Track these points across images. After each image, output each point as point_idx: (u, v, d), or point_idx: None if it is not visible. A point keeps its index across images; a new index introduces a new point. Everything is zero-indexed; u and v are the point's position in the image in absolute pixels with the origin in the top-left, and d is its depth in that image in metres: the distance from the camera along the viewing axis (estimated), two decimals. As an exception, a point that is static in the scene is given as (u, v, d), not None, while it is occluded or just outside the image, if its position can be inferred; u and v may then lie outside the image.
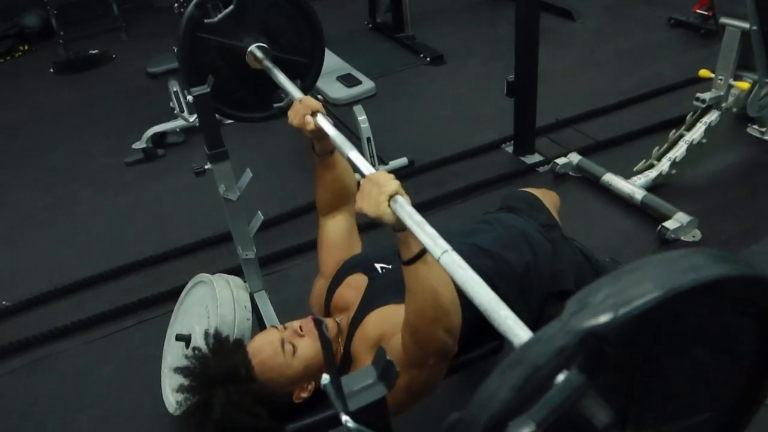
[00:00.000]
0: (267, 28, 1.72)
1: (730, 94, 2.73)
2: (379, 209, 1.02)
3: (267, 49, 1.69)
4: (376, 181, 1.05)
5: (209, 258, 2.78)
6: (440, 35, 4.86)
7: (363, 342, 1.30)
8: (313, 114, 1.41)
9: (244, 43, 1.67)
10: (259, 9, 1.69)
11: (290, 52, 1.76)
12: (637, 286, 0.50)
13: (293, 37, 1.76)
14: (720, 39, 2.74)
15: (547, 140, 3.35)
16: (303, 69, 1.80)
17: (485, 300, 0.77)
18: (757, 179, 2.86)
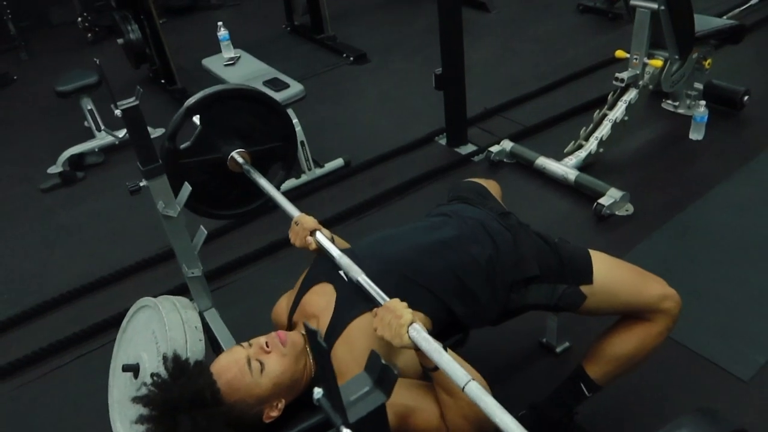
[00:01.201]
0: (238, 130, 1.78)
1: (646, 72, 2.86)
2: (402, 341, 1.12)
3: (245, 152, 1.76)
4: (394, 311, 1.15)
5: (147, 281, 2.64)
6: (361, 34, 4.85)
7: (351, 353, 1.26)
8: (312, 233, 1.48)
9: (223, 152, 1.76)
10: (223, 118, 1.75)
11: (265, 141, 1.84)
12: None
13: (263, 128, 1.83)
14: (630, 21, 2.88)
15: (478, 130, 3.40)
16: (281, 151, 1.90)
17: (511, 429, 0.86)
18: (675, 150, 3.01)
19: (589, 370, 1.59)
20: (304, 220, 1.51)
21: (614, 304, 1.51)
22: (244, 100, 1.79)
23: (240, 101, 1.77)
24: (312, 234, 1.48)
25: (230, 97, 1.76)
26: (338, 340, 1.30)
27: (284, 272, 2.58)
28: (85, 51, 5.33)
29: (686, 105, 3.23)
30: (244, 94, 1.79)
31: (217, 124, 1.74)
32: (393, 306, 1.17)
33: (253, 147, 1.80)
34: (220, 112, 1.74)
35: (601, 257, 1.52)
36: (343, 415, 0.61)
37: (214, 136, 1.75)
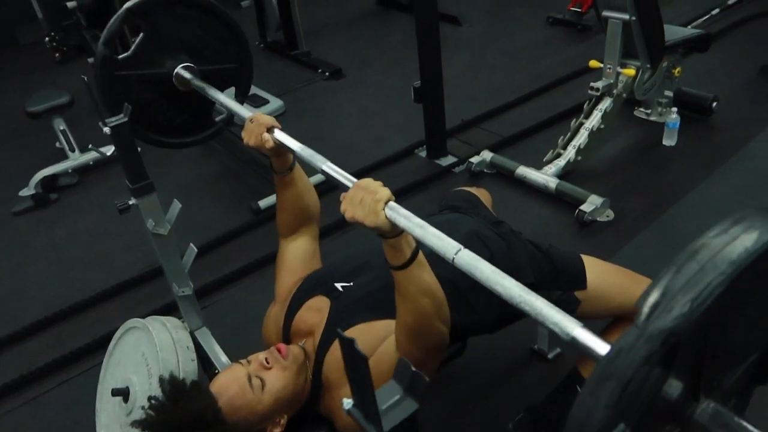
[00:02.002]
0: (186, 45, 1.61)
1: (619, 81, 2.93)
2: (378, 218, 0.98)
3: (193, 68, 1.59)
4: (367, 188, 1.01)
5: (129, 303, 2.58)
6: (335, 49, 4.87)
7: (339, 365, 1.24)
8: (269, 130, 1.33)
9: (167, 67, 1.58)
10: (171, 28, 1.57)
11: (217, 61, 1.66)
12: (702, 274, 0.51)
13: (216, 45, 1.66)
14: (602, 32, 2.95)
15: (457, 141, 3.44)
16: (234, 74, 1.70)
17: (515, 293, 0.76)
18: (650, 157, 3.09)
19: (585, 372, 1.60)
20: (261, 116, 1.36)
21: (607, 307, 1.53)
22: (194, 9, 1.61)
23: (189, 9, 1.60)
24: (269, 131, 1.33)
25: (178, 2, 1.58)
26: (326, 355, 1.29)
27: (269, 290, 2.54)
28: (53, 71, 5.23)
29: (658, 112, 3.32)
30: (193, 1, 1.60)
31: (163, 35, 1.56)
32: (365, 183, 1.03)
33: (203, 65, 1.62)
34: (167, 20, 1.56)
35: (593, 261, 1.54)
36: (378, 424, 0.60)
37: (159, 49, 1.56)
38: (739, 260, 0.51)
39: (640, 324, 0.51)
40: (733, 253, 0.51)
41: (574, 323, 0.70)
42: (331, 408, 1.28)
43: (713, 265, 0.51)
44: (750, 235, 0.52)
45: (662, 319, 0.50)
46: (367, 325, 1.27)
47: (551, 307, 0.74)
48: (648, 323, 0.50)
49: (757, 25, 4.23)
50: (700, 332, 0.53)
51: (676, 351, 0.52)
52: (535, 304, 0.74)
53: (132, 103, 1.48)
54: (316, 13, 5.38)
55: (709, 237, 0.54)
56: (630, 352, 0.50)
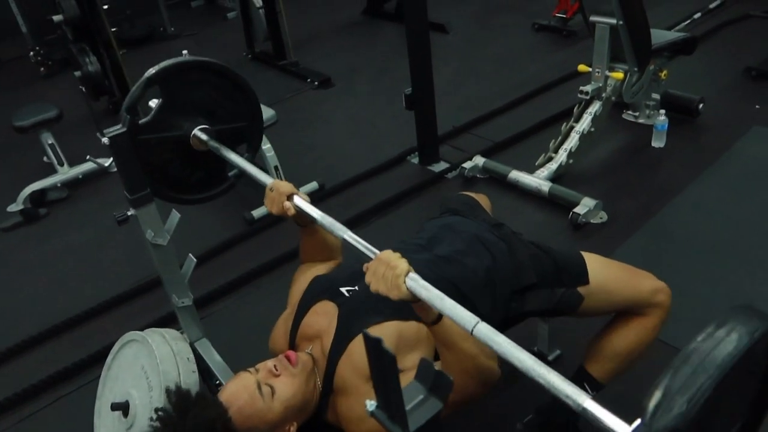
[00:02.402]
0: (201, 106, 1.69)
1: (608, 84, 2.97)
2: (401, 291, 1.04)
3: (209, 129, 1.66)
4: (388, 262, 1.07)
5: (124, 317, 2.55)
6: (323, 59, 4.88)
7: (355, 372, 1.24)
8: (289, 198, 1.39)
9: (185, 129, 1.65)
10: (187, 92, 1.65)
11: (230, 120, 1.74)
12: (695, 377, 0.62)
13: (228, 105, 1.74)
14: (591, 36, 2.99)
15: (449, 147, 3.45)
16: (246, 131, 1.80)
17: (529, 365, 0.82)
18: (640, 158, 3.12)
19: (591, 369, 1.61)
20: (280, 185, 1.41)
21: (610, 301, 1.54)
22: (208, 74, 1.69)
23: (203, 74, 1.68)
24: (289, 199, 1.38)
25: (193, 69, 1.66)
26: (342, 358, 1.29)
27: (268, 299, 2.54)
28: (38, 85, 5.19)
29: (646, 115, 3.36)
30: (208, 66, 1.69)
31: (179, 99, 1.64)
32: (386, 257, 1.08)
33: (218, 125, 1.70)
34: (182, 85, 1.63)
35: (593, 257, 1.55)
36: (404, 424, 0.60)
37: (176, 112, 1.64)
38: (724, 364, 0.62)
39: (647, 421, 0.61)
40: (718, 358, 0.62)
41: (584, 395, 0.78)
42: (340, 414, 1.27)
43: (703, 369, 0.61)
44: (731, 339, 0.63)
45: (665, 417, 0.60)
46: (378, 327, 1.27)
47: (563, 380, 0.81)
48: (653, 421, 0.61)
49: (738, 27, 4.31)
50: (695, 425, 0.62)
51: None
52: (548, 377, 0.81)
53: (152, 164, 1.56)
54: (303, 24, 5.39)
55: (698, 342, 0.65)
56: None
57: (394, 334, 1.27)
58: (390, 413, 0.61)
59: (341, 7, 5.97)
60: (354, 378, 1.25)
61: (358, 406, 1.23)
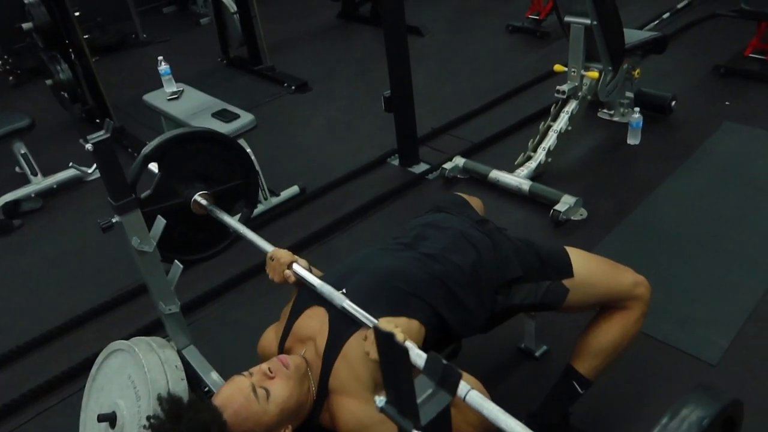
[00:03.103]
0: (198, 172, 1.76)
1: (583, 83, 3.02)
2: None
3: (207, 194, 1.73)
4: None
5: (104, 327, 2.51)
6: (299, 63, 4.87)
7: (351, 370, 1.25)
8: (289, 266, 1.45)
9: (185, 196, 1.73)
10: (182, 162, 1.72)
11: (226, 181, 1.81)
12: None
13: (223, 167, 1.81)
14: (566, 36, 3.03)
15: (429, 149, 3.47)
16: (242, 189, 1.87)
17: None
18: (617, 156, 3.18)
19: (579, 366, 1.63)
20: (279, 254, 1.49)
21: (594, 294, 1.57)
22: (201, 142, 1.77)
23: (197, 143, 1.76)
24: (289, 267, 1.45)
25: (187, 141, 1.74)
26: (337, 359, 1.29)
27: (250, 305, 2.52)
28: (8, 95, 5.08)
29: (620, 113, 3.42)
30: (200, 135, 1.79)
31: (176, 169, 1.72)
32: (384, 325, 1.16)
33: (215, 187, 1.78)
34: (178, 155, 1.71)
35: (576, 252, 1.58)
36: (416, 418, 0.60)
37: (174, 181, 1.73)
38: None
39: None
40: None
41: None
42: (334, 415, 1.27)
43: None
44: None
45: None
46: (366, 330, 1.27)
47: None
48: None
49: (705, 27, 4.42)
50: None
51: None
52: None
53: None
54: (277, 28, 5.38)
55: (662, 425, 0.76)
56: None
57: None
58: (400, 408, 0.62)
59: (316, 11, 5.97)
60: (351, 379, 1.25)
61: (356, 409, 1.24)
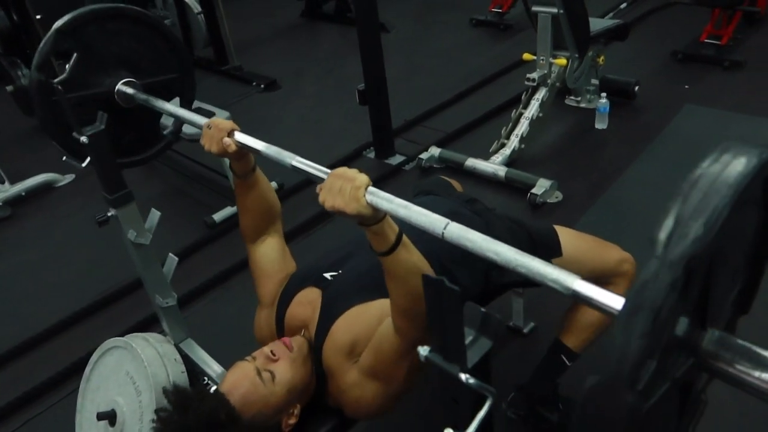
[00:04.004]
0: (123, 60, 1.56)
1: (552, 71, 3.11)
2: (360, 204, 0.97)
3: (135, 83, 1.55)
4: (344, 176, 1.01)
5: (90, 330, 2.47)
6: (267, 62, 4.86)
7: (337, 351, 1.26)
8: (230, 134, 1.29)
9: (106, 85, 1.53)
10: (105, 44, 1.53)
11: (158, 73, 1.62)
12: (707, 199, 0.55)
13: (153, 56, 1.61)
14: (533, 26, 3.12)
15: (403, 141, 3.51)
16: (177, 84, 1.66)
17: (510, 257, 0.77)
18: (586, 140, 3.28)
19: (567, 340, 1.68)
20: (219, 121, 1.31)
21: (581, 272, 1.60)
22: (126, 22, 1.56)
23: (121, 23, 1.55)
24: (230, 135, 1.29)
25: (108, 17, 1.53)
26: (325, 342, 1.30)
27: (239, 301, 2.51)
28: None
29: (587, 99, 3.54)
30: (124, 12, 1.56)
31: (97, 53, 1.51)
32: (342, 171, 1.03)
33: (144, 79, 1.58)
34: (99, 37, 1.50)
35: (564, 230, 1.63)
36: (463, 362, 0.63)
37: (95, 68, 1.51)
38: (736, 183, 0.55)
39: (660, 254, 0.53)
40: (729, 178, 0.55)
41: (572, 277, 0.73)
42: (337, 395, 1.29)
43: (715, 191, 0.54)
44: (739, 161, 0.57)
45: (681, 245, 0.52)
46: (363, 306, 1.29)
47: (547, 265, 0.75)
48: (668, 251, 0.52)
49: (663, 14, 4.59)
50: (709, 258, 0.55)
51: (690, 279, 0.53)
52: (532, 265, 0.76)
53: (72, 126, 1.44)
54: (243, 28, 5.34)
55: (704, 167, 0.58)
56: (656, 281, 0.52)
57: (378, 312, 1.27)
58: (446, 355, 0.65)
59: (279, 10, 5.96)
60: (337, 357, 1.26)
61: (349, 385, 1.25)
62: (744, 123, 3.19)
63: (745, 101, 3.38)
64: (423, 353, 0.67)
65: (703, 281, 0.58)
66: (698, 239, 0.52)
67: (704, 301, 0.60)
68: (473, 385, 0.65)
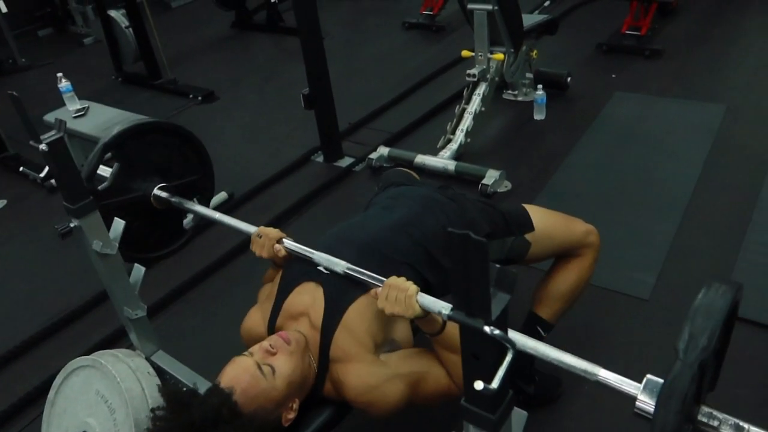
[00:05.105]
0: (156, 166, 1.72)
1: (491, 66, 3.22)
2: (415, 310, 1.15)
3: (168, 186, 1.70)
4: (398, 287, 1.18)
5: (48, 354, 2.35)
6: (201, 74, 4.78)
7: (353, 336, 1.28)
8: (279, 241, 1.44)
9: (144, 190, 1.69)
10: (140, 154, 1.69)
11: (184, 175, 1.78)
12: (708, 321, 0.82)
13: (181, 161, 1.78)
14: (469, 24, 3.22)
15: (350, 143, 3.54)
16: (200, 183, 1.84)
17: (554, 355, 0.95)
18: (527, 131, 3.41)
19: (541, 312, 1.75)
20: (267, 230, 1.48)
21: (552, 245, 1.69)
22: (161, 133, 1.74)
23: (156, 134, 1.73)
24: (279, 242, 1.45)
25: (147, 131, 1.70)
26: (338, 328, 1.31)
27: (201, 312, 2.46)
28: None
29: (523, 93, 3.68)
30: (160, 126, 1.75)
31: (135, 162, 1.68)
32: (394, 282, 1.19)
33: (174, 182, 1.75)
34: (137, 147, 1.67)
35: (533, 208, 1.70)
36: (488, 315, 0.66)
37: (133, 175, 1.68)
38: (723, 310, 0.82)
39: (681, 357, 0.79)
40: (720, 306, 0.83)
41: (596, 368, 0.91)
42: (340, 383, 1.29)
43: (711, 315, 0.82)
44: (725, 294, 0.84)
45: (695, 351, 0.79)
46: (365, 297, 1.31)
47: (577, 359, 0.94)
48: (687, 356, 0.79)
49: (586, 9, 4.85)
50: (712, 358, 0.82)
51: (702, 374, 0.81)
52: (564, 358, 0.94)
53: None
54: (173, 41, 5.22)
55: (700, 299, 0.84)
56: (681, 375, 0.78)
57: None
58: (468, 310, 0.67)
59: (208, 22, 5.87)
60: (354, 345, 1.29)
61: (363, 372, 1.27)
62: (668, 105, 3.41)
63: (668, 86, 3.61)
64: (445, 312, 0.69)
65: (701, 375, 0.83)
66: (705, 348, 0.79)
67: (700, 387, 0.86)
68: (498, 336, 0.68)
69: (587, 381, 0.92)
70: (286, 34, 5.20)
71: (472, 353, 0.72)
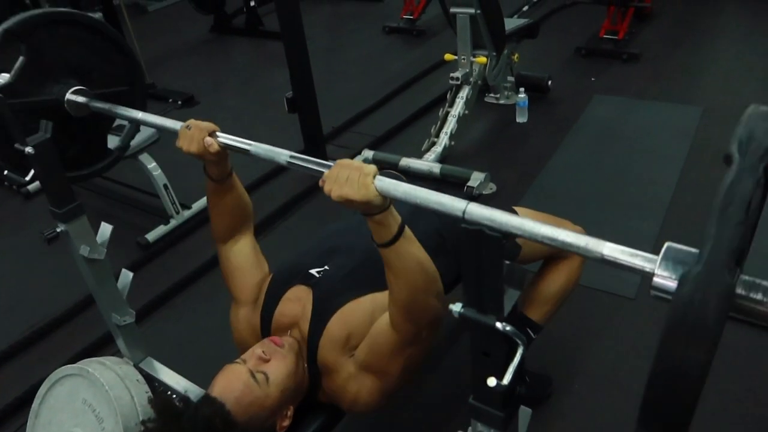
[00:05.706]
0: (74, 68, 1.49)
1: (473, 69, 3.24)
2: (369, 191, 0.97)
3: (86, 91, 1.47)
4: (351, 166, 0.99)
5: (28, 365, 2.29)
6: (180, 79, 4.72)
7: (334, 347, 1.25)
8: (212, 134, 1.27)
9: (55, 93, 1.44)
10: (55, 49, 1.44)
11: (109, 84, 1.54)
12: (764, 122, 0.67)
13: (105, 66, 1.54)
14: (452, 27, 3.24)
15: (334, 146, 3.53)
16: (127, 97, 1.58)
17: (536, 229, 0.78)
18: (510, 134, 3.44)
19: (531, 313, 1.75)
20: (199, 122, 1.29)
21: (543, 247, 1.69)
22: (80, 29, 1.49)
23: (74, 29, 1.47)
24: (212, 135, 1.27)
25: (61, 22, 1.44)
26: (321, 340, 1.29)
27: (185, 318, 2.42)
28: None
29: (505, 96, 3.70)
30: (79, 19, 1.48)
31: (48, 57, 1.42)
32: (348, 162, 1.01)
33: (95, 90, 1.50)
34: (49, 42, 1.42)
35: (524, 210, 1.71)
36: (500, 311, 0.65)
37: (44, 74, 1.42)
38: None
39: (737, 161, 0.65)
40: None
41: (602, 243, 0.77)
42: (334, 391, 1.28)
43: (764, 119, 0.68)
44: None
45: (759, 152, 0.64)
46: (355, 302, 1.29)
47: (576, 235, 0.78)
48: (746, 159, 0.64)
49: (563, 14, 4.92)
50: None
51: None
52: (558, 234, 0.78)
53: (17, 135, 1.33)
54: (151, 46, 5.16)
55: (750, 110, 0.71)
56: (741, 181, 0.62)
57: (370, 306, 1.29)
58: (480, 307, 0.67)
59: (187, 26, 5.81)
60: (334, 354, 1.26)
61: (347, 381, 1.25)
62: (647, 108, 3.47)
63: (645, 89, 3.67)
64: (456, 310, 0.69)
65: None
66: None
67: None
68: (510, 332, 0.68)
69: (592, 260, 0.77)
70: (266, 37, 5.18)
71: (482, 351, 0.71)
